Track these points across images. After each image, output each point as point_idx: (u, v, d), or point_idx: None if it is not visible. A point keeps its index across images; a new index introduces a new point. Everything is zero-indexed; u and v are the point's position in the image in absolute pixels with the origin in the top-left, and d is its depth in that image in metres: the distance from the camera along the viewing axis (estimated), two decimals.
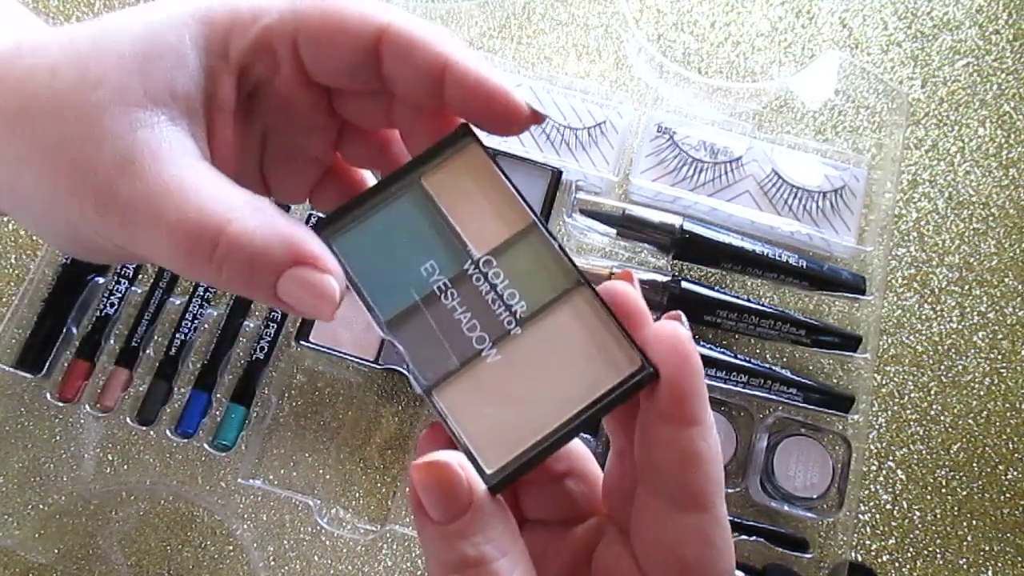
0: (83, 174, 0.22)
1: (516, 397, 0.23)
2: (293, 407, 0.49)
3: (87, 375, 0.48)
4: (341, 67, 0.24)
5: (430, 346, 0.24)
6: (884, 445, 0.50)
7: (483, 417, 0.23)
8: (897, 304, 0.53)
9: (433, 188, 0.25)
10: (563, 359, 0.23)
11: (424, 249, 0.24)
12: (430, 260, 0.24)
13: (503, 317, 0.24)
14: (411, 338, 0.24)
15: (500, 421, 0.23)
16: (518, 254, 0.24)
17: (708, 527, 0.22)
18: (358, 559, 0.46)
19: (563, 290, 0.24)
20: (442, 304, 0.24)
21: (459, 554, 0.21)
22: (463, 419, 0.23)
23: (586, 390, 0.23)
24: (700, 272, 0.52)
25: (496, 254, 0.24)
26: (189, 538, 0.47)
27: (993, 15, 0.61)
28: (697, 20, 0.60)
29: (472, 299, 0.24)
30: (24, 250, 0.52)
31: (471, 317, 0.24)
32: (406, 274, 0.24)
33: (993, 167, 0.57)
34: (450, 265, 0.24)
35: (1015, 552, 0.48)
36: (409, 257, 0.24)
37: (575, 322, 0.24)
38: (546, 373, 0.23)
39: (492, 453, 0.22)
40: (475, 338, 0.24)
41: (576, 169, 0.52)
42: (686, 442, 0.22)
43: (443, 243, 0.25)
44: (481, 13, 0.58)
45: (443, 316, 0.24)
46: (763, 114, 0.56)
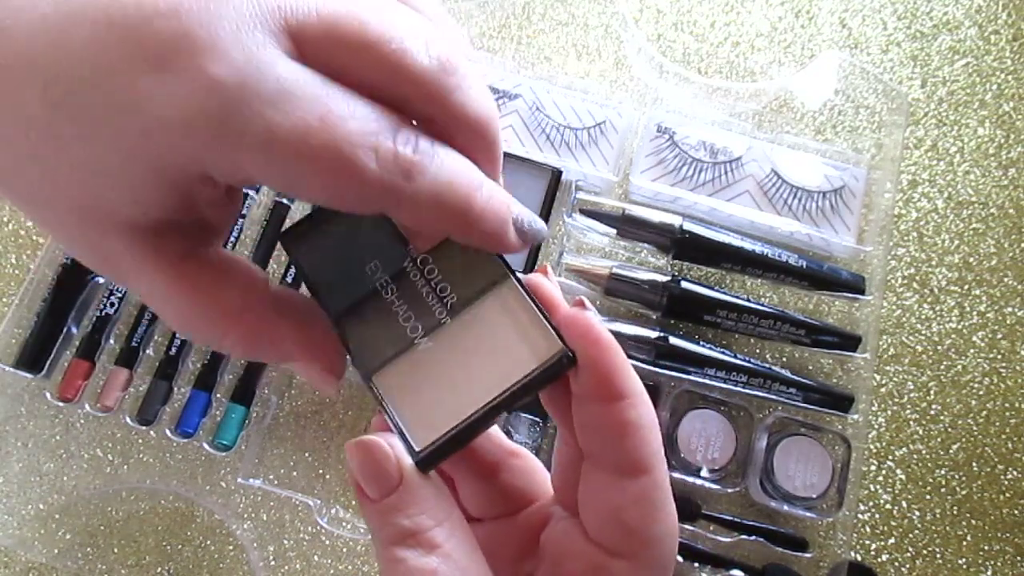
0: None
1: (446, 381, 0.25)
2: (293, 407, 0.49)
3: (87, 375, 0.48)
4: None
5: (371, 337, 0.26)
6: (884, 445, 0.50)
7: (415, 400, 0.25)
8: (897, 304, 0.53)
9: None
10: (489, 346, 0.25)
11: (371, 252, 0.27)
12: (375, 261, 0.27)
13: (436, 309, 0.26)
14: (355, 331, 0.26)
15: (431, 403, 0.25)
16: (452, 252, 0.27)
17: (649, 490, 0.24)
18: (358, 559, 0.46)
19: (491, 283, 0.26)
20: (383, 299, 0.27)
21: (396, 527, 0.23)
22: (397, 402, 0.25)
23: (509, 374, 0.25)
24: (700, 272, 0.52)
25: (432, 253, 0.27)
26: (189, 538, 0.47)
27: (993, 15, 0.61)
28: (697, 20, 0.60)
29: (409, 294, 0.26)
30: (24, 250, 0.52)
31: (407, 310, 0.26)
32: (354, 275, 0.27)
33: (992, 167, 0.57)
34: (391, 264, 0.27)
35: (1015, 552, 0.48)
36: (357, 259, 0.27)
37: (501, 312, 0.26)
38: (474, 359, 0.25)
39: (422, 432, 0.24)
40: (410, 328, 0.26)
41: (576, 169, 0.52)
42: (617, 415, 0.23)
43: (387, 245, 0.27)
44: (481, 13, 0.58)
45: (383, 310, 0.26)
46: (763, 114, 0.56)
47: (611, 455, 0.24)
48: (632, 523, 0.23)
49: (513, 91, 0.54)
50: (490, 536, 0.27)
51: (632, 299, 0.49)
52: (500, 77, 0.55)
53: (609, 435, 0.23)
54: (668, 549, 0.24)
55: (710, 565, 0.46)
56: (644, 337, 0.47)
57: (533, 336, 0.25)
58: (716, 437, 0.47)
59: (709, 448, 0.47)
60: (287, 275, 0.50)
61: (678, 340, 0.48)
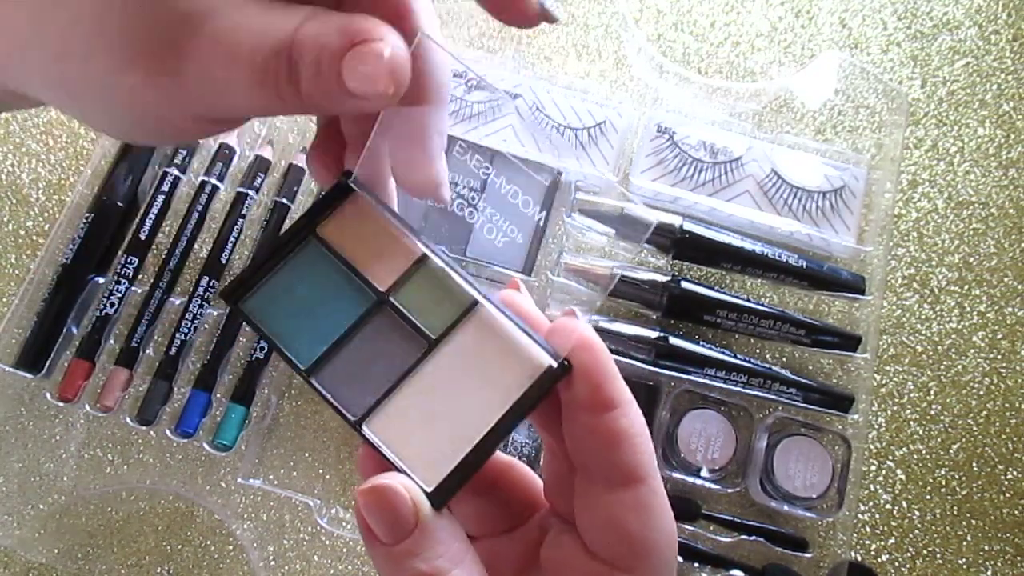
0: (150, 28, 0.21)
1: (441, 414, 0.24)
2: (293, 407, 0.49)
3: (87, 375, 0.48)
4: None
5: (351, 383, 0.25)
6: (884, 445, 0.50)
7: (413, 439, 0.24)
8: (897, 304, 0.53)
9: (328, 237, 0.26)
10: (478, 371, 0.25)
11: (330, 295, 0.26)
12: (337, 304, 0.26)
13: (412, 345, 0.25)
14: (332, 380, 0.25)
15: (430, 440, 0.24)
16: (418, 284, 0.26)
17: (645, 497, 0.23)
18: (358, 559, 0.46)
19: (463, 309, 0.25)
20: (355, 343, 0.25)
21: (413, 571, 0.22)
22: (395, 445, 0.24)
23: (506, 394, 0.24)
24: (700, 272, 0.52)
25: (397, 287, 0.26)
26: (189, 538, 0.47)
27: (993, 15, 0.61)
28: (697, 20, 0.60)
29: (381, 334, 0.25)
30: (24, 250, 0.52)
31: (383, 349, 0.25)
32: (317, 322, 0.26)
33: (993, 167, 0.57)
34: (357, 305, 0.26)
35: (1015, 552, 0.48)
36: (317, 305, 0.26)
37: (482, 335, 0.25)
38: (464, 387, 0.24)
39: (429, 472, 0.23)
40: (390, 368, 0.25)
41: (576, 169, 0.52)
42: (609, 424, 0.23)
43: (347, 285, 0.26)
44: (481, 13, 0.58)
45: (357, 353, 0.25)
46: (763, 114, 0.56)
47: (605, 466, 0.23)
48: (631, 533, 0.23)
49: (513, 91, 0.54)
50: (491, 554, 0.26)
51: (632, 299, 0.49)
52: (500, 77, 0.55)
53: (602, 445, 0.23)
54: (669, 556, 0.24)
55: (710, 565, 0.46)
56: (644, 337, 0.47)
57: (520, 353, 0.24)
58: (716, 437, 0.47)
59: (709, 448, 0.47)
60: None
61: (678, 340, 0.48)
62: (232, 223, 0.51)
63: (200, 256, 0.51)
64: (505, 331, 0.25)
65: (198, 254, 0.51)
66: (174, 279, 0.50)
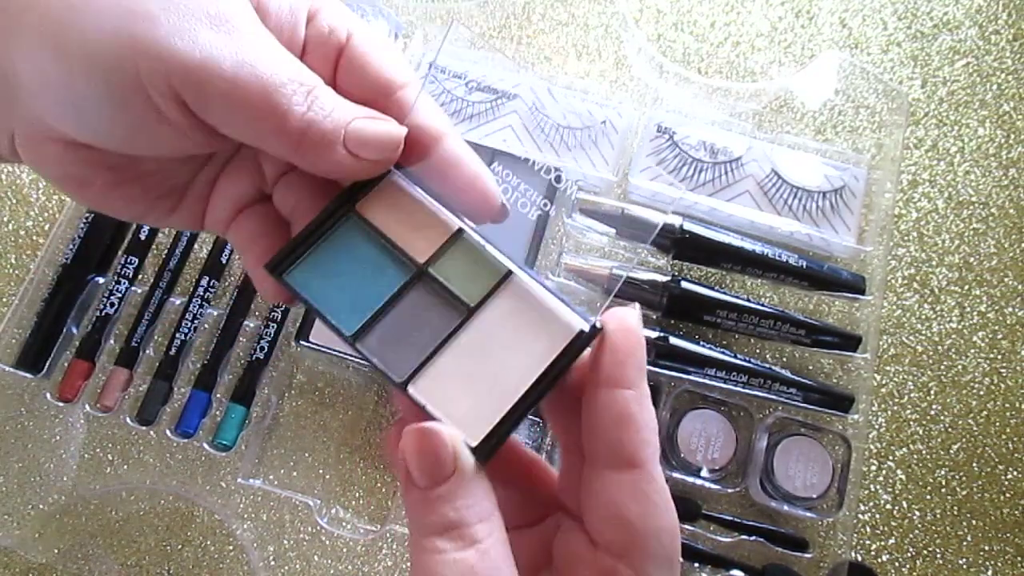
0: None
1: (481, 376, 0.26)
2: (293, 407, 0.49)
3: (87, 375, 0.48)
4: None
5: (395, 348, 0.27)
6: (884, 445, 0.50)
7: (456, 399, 0.26)
8: (897, 304, 0.53)
9: (368, 214, 0.28)
10: (515, 335, 0.26)
11: (371, 267, 0.28)
12: (378, 275, 0.28)
13: (452, 312, 0.27)
14: (377, 345, 0.27)
15: (472, 400, 0.26)
16: (455, 255, 0.28)
17: (644, 483, 0.24)
18: (358, 559, 0.46)
19: (500, 277, 0.27)
20: (396, 311, 0.27)
21: (441, 517, 0.23)
22: (440, 405, 0.26)
23: (542, 355, 0.26)
24: (700, 272, 0.52)
25: (435, 259, 0.28)
26: (189, 538, 0.47)
27: (993, 15, 0.61)
28: (697, 20, 0.60)
29: (422, 301, 0.27)
30: (24, 250, 0.52)
31: (424, 317, 0.27)
32: (359, 292, 0.27)
33: (993, 167, 0.57)
34: (397, 276, 0.27)
35: (1015, 552, 0.48)
36: (359, 277, 0.28)
37: (518, 302, 0.27)
38: (502, 350, 0.26)
39: (472, 428, 0.25)
40: (432, 334, 0.27)
41: (576, 169, 0.52)
42: (622, 404, 0.24)
43: (387, 258, 0.28)
44: (481, 13, 0.58)
45: (399, 321, 0.27)
46: (763, 114, 0.56)
47: (610, 446, 0.24)
48: (630, 520, 0.24)
49: (513, 91, 0.54)
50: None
51: (632, 299, 0.49)
52: (500, 77, 0.55)
53: (611, 423, 0.24)
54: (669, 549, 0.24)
55: (710, 565, 0.46)
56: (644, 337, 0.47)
57: (554, 317, 0.26)
58: (716, 437, 0.47)
59: (709, 448, 0.47)
60: None
61: (678, 340, 0.48)
62: None
63: (200, 256, 0.51)
64: (539, 298, 0.27)
65: (198, 254, 0.51)
66: (174, 279, 0.50)
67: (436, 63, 0.55)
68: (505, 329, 0.27)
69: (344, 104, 0.26)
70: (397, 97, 0.27)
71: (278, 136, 0.25)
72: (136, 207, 0.30)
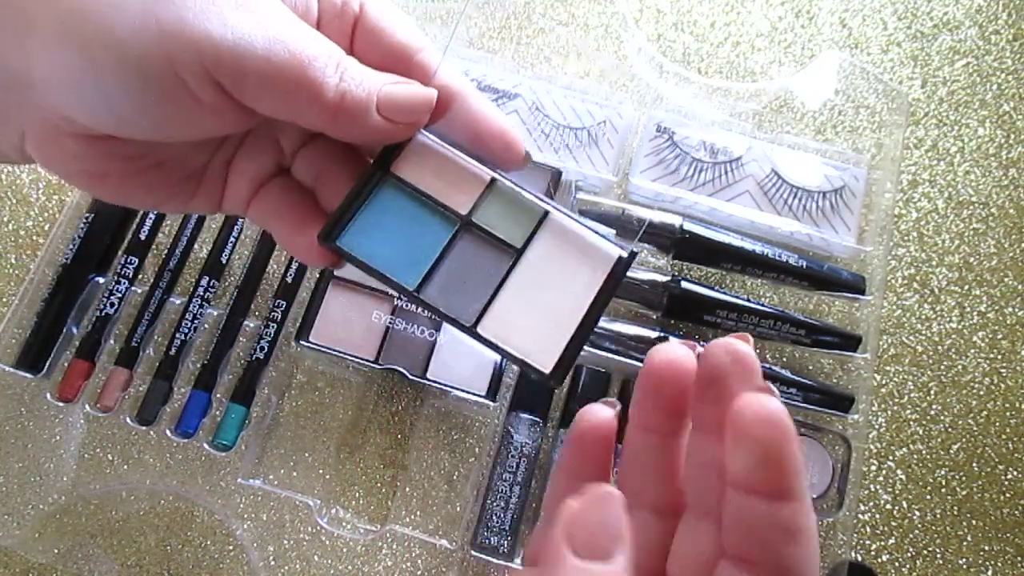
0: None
1: (539, 310, 0.28)
2: (293, 407, 0.49)
3: (87, 375, 0.48)
4: None
5: (456, 296, 0.29)
6: (884, 445, 0.50)
7: (523, 333, 0.28)
8: (897, 304, 0.53)
9: (404, 174, 0.30)
10: (563, 268, 0.29)
11: (417, 224, 0.29)
12: (425, 231, 0.29)
13: (502, 255, 0.29)
14: (439, 295, 0.29)
15: (536, 332, 0.28)
16: (493, 203, 0.29)
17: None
18: (358, 559, 0.46)
19: (539, 218, 0.29)
20: (449, 261, 0.29)
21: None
22: (508, 340, 0.28)
23: (590, 282, 0.28)
24: (700, 272, 0.52)
25: (476, 209, 0.29)
26: (189, 538, 0.47)
27: (993, 15, 0.61)
28: (697, 20, 0.60)
29: (473, 248, 0.29)
30: (24, 250, 0.52)
31: (476, 263, 0.29)
32: (411, 249, 0.29)
33: (993, 167, 0.57)
34: (444, 229, 0.29)
35: (1015, 552, 0.48)
36: (407, 235, 0.29)
37: (558, 238, 0.29)
38: (554, 284, 0.28)
39: (543, 356, 0.28)
40: (487, 278, 0.29)
41: (576, 169, 0.52)
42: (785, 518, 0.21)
43: (430, 214, 0.29)
44: (481, 13, 0.58)
45: (456, 269, 0.29)
46: (763, 114, 0.56)
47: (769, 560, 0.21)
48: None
49: (513, 91, 0.54)
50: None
51: (632, 299, 0.49)
52: (500, 77, 0.55)
53: (770, 539, 0.21)
54: None
55: None
56: (644, 337, 0.47)
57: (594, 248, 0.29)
58: None
59: None
60: (287, 273, 0.50)
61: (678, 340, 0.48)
62: (232, 223, 0.51)
63: (200, 256, 0.51)
64: (578, 232, 0.29)
65: (198, 254, 0.51)
66: (174, 279, 0.50)
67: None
68: (552, 264, 0.29)
69: (372, 72, 0.27)
70: (418, 60, 0.29)
71: (315, 109, 0.26)
72: (155, 195, 0.30)
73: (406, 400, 0.49)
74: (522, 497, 0.46)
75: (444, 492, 0.47)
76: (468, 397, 0.47)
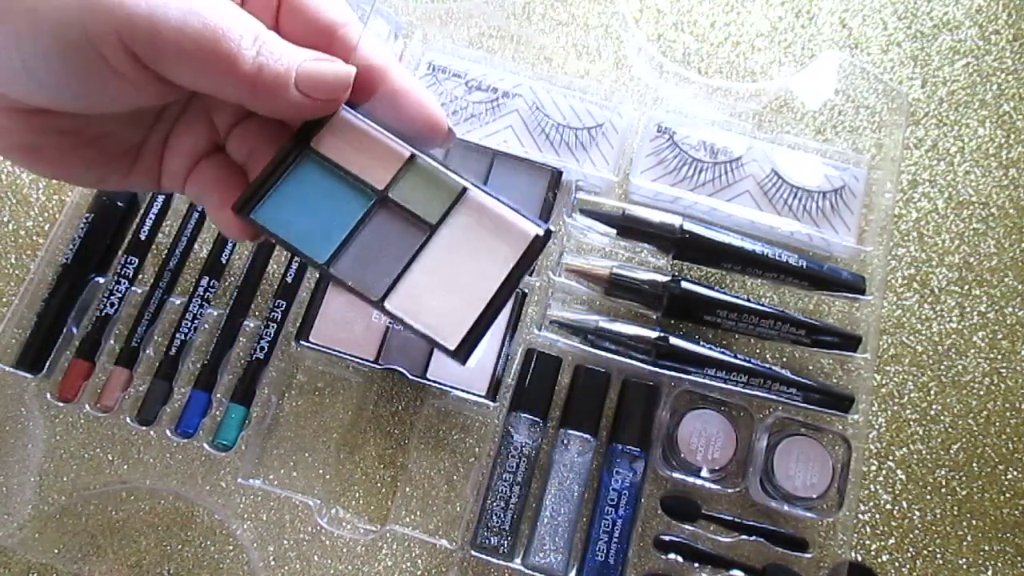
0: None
1: (450, 287, 0.28)
2: (293, 407, 0.49)
3: (87, 375, 0.48)
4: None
5: (367, 270, 0.29)
6: (884, 445, 0.50)
7: (431, 308, 0.28)
8: (897, 304, 0.53)
9: (324, 149, 0.30)
10: (477, 245, 0.28)
11: (333, 198, 0.29)
12: (341, 205, 0.29)
13: (416, 231, 0.29)
14: (349, 269, 0.29)
15: (445, 308, 0.28)
16: (412, 179, 0.29)
17: None
18: (358, 559, 0.46)
19: (456, 195, 0.29)
20: (363, 236, 0.29)
21: None
22: (416, 315, 0.28)
23: (504, 260, 0.28)
24: (700, 272, 0.52)
25: (393, 184, 0.29)
26: (189, 538, 0.47)
27: (993, 15, 0.61)
28: (697, 20, 0.60)
29: (388, 224, 0.29)
30: (24, 250, 0.52)
31: (390, 239, 0.29)
32: (325, 223, 0.29)
33: (993, 167, 0.57)
34: (359, 204, 0.29)
35: (1015, 552, 0.48)
36: (323, 209, 0.29)
37: (476, 215, 0.29)
38: (467, 261, 0.28)
39: (450, 332, 0.28)
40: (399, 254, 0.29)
41: (576, 169, 0.52)
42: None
43: (347, 188, 0.29)
44: (481, 13, 0.58)
45: (367, 245, 0.29)
46: (763, 114, 0.56)
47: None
48: None
49: (513, 91, 0.54)
50: None
51: (632, 299, 0.49)
52: (500, 77, 0.55)
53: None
54: None
55: (710, 565, 0.46)
56: (644, 337, 0.47)
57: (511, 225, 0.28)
58: (716, 437, 0.47)
59: (709, 448, 0.47)
60: (287, 273, 0.50)
61: (678, 340, 0.48)
62: None
63: (200, 256, 0.51)
64: (495, 209, 0.29)
65: (198, 254, 0.51)
66: (174, 279, 0.50)
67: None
68: (468, 241, 0.28)
69: (291, 47, 0.27)
70: (340, 36, 0.29)
71: (232, 81, 0.26)
72: (92, 172, 0.30)
73: (406, 400, 0.49)
74: (522, 497, 0.46)
75: (444, 492, 0.47)
76: (468, 397, 0.47)
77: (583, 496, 0.46)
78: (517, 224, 0.28)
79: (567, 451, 0.46)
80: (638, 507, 0.46)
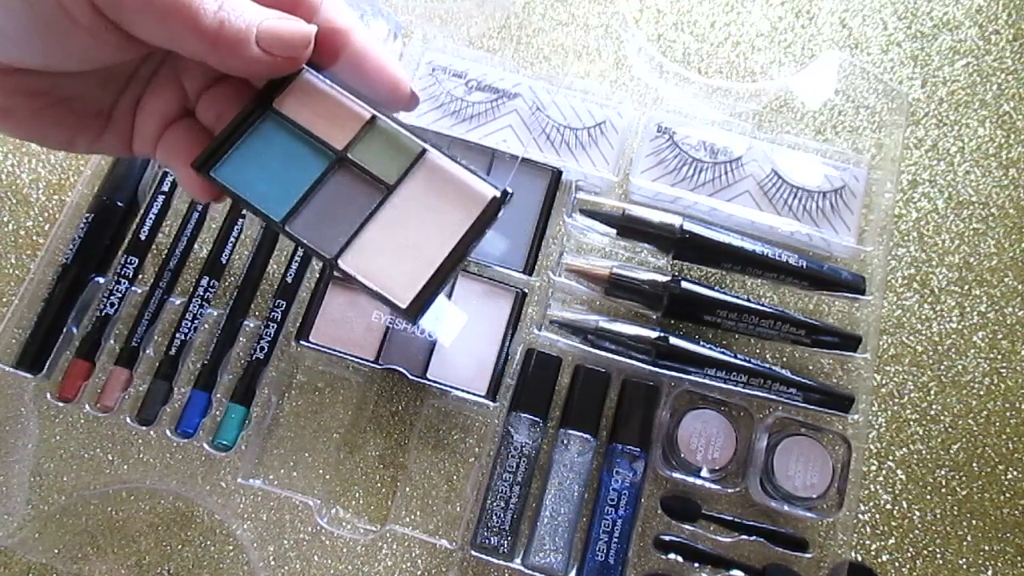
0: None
1: (405, 246, 0.28)
2: (293, 407, 0.49)
3: (87, 375, 0.48)
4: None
5: (323, 229, 0.29)
6: (884, 445, 0.50)
7: (385, 268, 0.28)
8: (897, 304, 0.53)
9: (286, 110, 0.30)
10: (433, 206, 0.29)
11: (293, 157, 0.30)
12: (300, 164, 0.30)
13: (373, 191, 0.29)
14: (304, 228, 0.29)
15: (399, 267, 0.28)
16: (371, 141, 0.30)
17: None
18: (358, 559, 0.46)
19: (415, 157, 0.29)
20: (321, 195, 0.29)
21: None
22: (369, 274, 0.28)
23: (460, 221, 0.28)
24: (700, 272, 0.52)
25: (352, 145, 0.30)
26: (189, 538, 0.47)
27: (993, 15, 0.61)
28: (697, 20, 0.60)
29: (345, 184, 0.29)
30: (24, 250, 0.52)
31: (347, 198, 0.29)
32: (284, 181, 0.29)
33: (993, 167, 0.57)
34: (318, 164, 0.29)
35: (1015, 552, 0.48)
36: (282, 168, 0.30)
37: (433, 177, 0.29)
38: (423, 221, 0.29)
39: (402, 291, 0.28)
40: (355, 213, 0.29)
41: (576, 169, 0.52)
42: None
43: (307, 148, 0.30)
44: (481, 13, 0.58)
45: (324, 204, 0.29)
46: (763, 114, 0.56)
47: None
48: None
49: (513, 91, 0.54)
50: None
51: (632, 299, 0.49)
52: (500, 77, 0.55)
53: None
54: None
55: (710, 565, 0.46)
56: (644, 337, 0.47)
57: (467, 187, 0.29)
58: (716, 437, 0.47)
59: (709, 448, 0.47)
60: (287, 273, 0.50)
61: (678, 340, 0.48)
62: (232, 223, 0.51)
63: (200, 256, 0.51)
64: (453, 172, 0.29)
65: (198, 254, 0.51)
66: (174, 279, 0.50)
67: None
68: (424, 202, 0.29)
69: (254, 6, 0.28)
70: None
71: (193, 36, 0.26)
72: (63, 132, 0.31)
73: (406, 400, 0.49)
74: (522, 497, 0.46)
75: (444, 492, 0.47)
76: (468, 397, 0.47)
77: (583, 496, 0.46)
78: (474, 186, 0.29)
79: (567, 451, 0.46)
80: (638, 507, 0.46)
